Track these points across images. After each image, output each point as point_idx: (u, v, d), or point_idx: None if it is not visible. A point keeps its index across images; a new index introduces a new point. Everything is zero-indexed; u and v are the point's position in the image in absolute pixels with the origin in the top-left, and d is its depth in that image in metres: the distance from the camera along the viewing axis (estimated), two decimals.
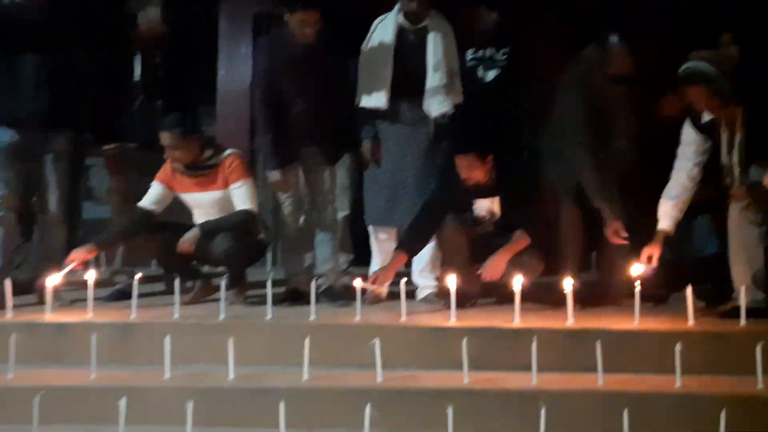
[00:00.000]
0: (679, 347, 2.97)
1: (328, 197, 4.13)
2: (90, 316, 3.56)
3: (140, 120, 4.09)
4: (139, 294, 3.66)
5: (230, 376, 3.08)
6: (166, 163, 3.97)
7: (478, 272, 3.81)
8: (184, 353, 3.21)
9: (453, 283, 3.49)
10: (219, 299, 3.60)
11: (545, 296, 3.75)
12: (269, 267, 4.78)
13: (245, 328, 3.44)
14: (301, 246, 4.13)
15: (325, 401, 3.02)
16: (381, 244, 4.09)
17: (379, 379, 3.06)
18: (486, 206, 3.90)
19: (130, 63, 4.12)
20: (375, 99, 3.97)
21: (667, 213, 3.65)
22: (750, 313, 3.38)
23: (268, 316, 3.52)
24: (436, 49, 3.98)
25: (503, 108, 4.34)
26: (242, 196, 3.92)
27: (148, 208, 3.97)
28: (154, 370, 3.12)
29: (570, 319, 3.43)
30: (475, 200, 3.91)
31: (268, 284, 3.58)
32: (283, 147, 3.97)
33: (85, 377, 3.11)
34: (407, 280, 3.70)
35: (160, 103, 4.09)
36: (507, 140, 4.26)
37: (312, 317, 3.50)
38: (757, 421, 2.88)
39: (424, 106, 3.98)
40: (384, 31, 4.02)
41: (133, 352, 3.39)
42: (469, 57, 4.33)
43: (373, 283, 3.78)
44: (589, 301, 3.73)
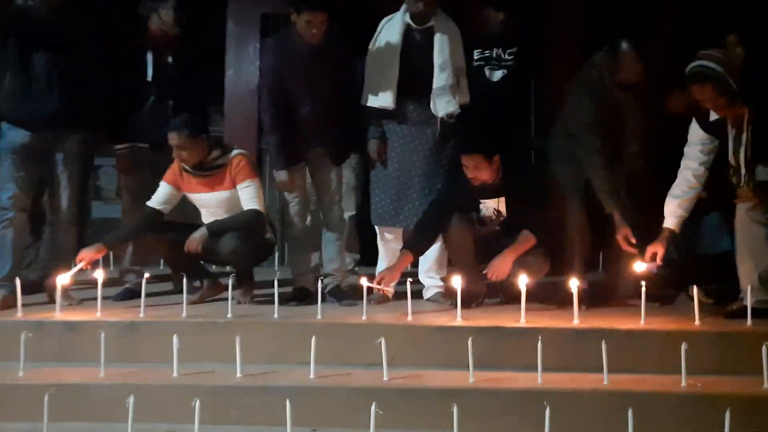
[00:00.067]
0: (684, 347, 2.97)
1: (335, 197, 4.13)
2: (99, 314, 3.59)
3: (152, 120, 4.10)
4: (147, 293, 3.69)
5: (237, 375, 3.10)
6: (174, 163, 3.99)
7: (484, 272, 3.80)
8: (192, 352, 3.23)
9: (459, 283, 3.50)
10: (226, 298, 3.63)
11: (551, 296, 3.75)
12: (276, 267, 4.80)
13: (252, 327, 3.45)
14: (307, 246, 4.14)
15: (331, 400, 3.03)
16: (387, 244, 4.10)
17: (385, 378, 3.07)
18: (492, 206, 3.91)
19: (142, 63, 4.13)
20: (381, 99, 3.97)
21: (672, 211, 3.64)
22: (756, 313, 3.38)
23: (275, 316, 3.54)
24: (442, 49, 3.98)
25: (510, 108, 4.33)
26: (249, 196, 3.93)
27: (157, 208, 3.98)
28: (162, 368, 3.14)
29: (576, 319, 3.43)
30: (482, 200, 3.92)
31: (275, 284, 3.59)
32: (290, 147, 3.98)
33: (94, 375, 3.13)
34: (413, 280, 3.70)
35: (171, 103, 4.10)
36: (513, 140, 4.25)
37: (318, 317, 3.52)
38: (763, 422, 2.87)
39: (431, 106, 3.98)
40: (391, 31, 4.02)
41: (141, 351, 3.41)
42: (476, 57, 4.33)
43: (379, 283, 3.79)
44: (596, 301, 3.73)
